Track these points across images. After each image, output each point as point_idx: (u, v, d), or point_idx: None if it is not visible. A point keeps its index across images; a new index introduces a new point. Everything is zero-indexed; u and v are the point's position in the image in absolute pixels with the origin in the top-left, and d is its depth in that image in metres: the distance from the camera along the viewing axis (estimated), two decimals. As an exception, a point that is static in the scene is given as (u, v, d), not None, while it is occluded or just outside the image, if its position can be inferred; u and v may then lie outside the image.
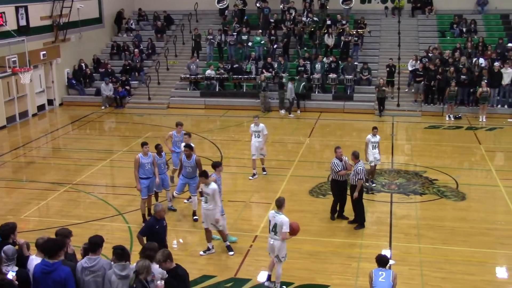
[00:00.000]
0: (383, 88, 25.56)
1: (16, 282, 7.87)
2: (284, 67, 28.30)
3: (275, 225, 10.79)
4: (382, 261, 9.51)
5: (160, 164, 14.55)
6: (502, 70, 25.46)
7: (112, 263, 8.24)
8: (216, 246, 13.11)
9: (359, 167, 13.95)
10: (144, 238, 10.48)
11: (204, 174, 12.38)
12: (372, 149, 16.43)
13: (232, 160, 19.96)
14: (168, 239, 12.92)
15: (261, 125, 17.78)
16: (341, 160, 14.17)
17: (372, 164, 16.58)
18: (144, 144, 14.27)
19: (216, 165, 13.28)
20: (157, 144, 14.92)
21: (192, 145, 15.12)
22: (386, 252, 12.58)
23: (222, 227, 12.70)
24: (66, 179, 18.19)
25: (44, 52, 27.27)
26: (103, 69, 30.12)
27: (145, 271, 7.91)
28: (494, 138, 22.63)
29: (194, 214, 14.62)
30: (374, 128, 16.72)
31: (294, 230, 10.97)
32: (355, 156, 14.18)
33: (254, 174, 17.79)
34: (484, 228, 14.11)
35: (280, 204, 10.93)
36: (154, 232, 10.54)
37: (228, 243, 12.92)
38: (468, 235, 13.73)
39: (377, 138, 16.62)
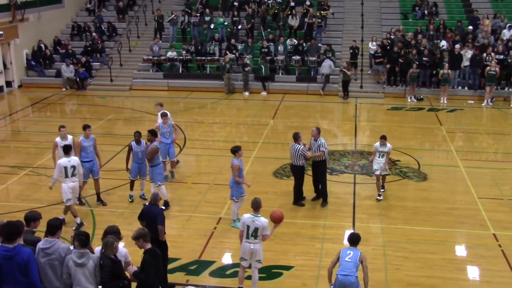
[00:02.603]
0: (344, 70, 25.61)
1: None
2: (251, 49, 28.19)
3: (255, 230, 10.00)
4: (352, 240, 9.57)
5: (137, 153, 14.26)
6: (462, 52, 25.83)
7: (72, 248, 8.13)
8: (180, 229, 13.08)
9: (322, 141, 14.17)
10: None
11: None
12: (379, 157, 14.76)
13: (196, 142, 19.86)
14: (134, 223, 12.86)
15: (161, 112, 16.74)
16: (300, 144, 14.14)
17: (377, 172, 14.80)
18: (86, 127, 14.31)
19: (236, 150, 13.09)
20: (136, 131, 14.56)
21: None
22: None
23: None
24: (26, 162, 17.85)
25: (1, 32, 26.55)
26: (64, 50, 29.52)
27: (108, 247, 7.98)
28: (454, 119, 23.01)
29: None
30: (382, 137, 14.73)
31: (279, 219, 10.24)
32: (319, 131, 14.33)
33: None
34: (444, 208, 14.36)
35: (257, 206, 10.11)
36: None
37: None
38: (430, 215, 13.97)
39: (386, 147, 14.67)
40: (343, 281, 9.18)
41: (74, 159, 13.16)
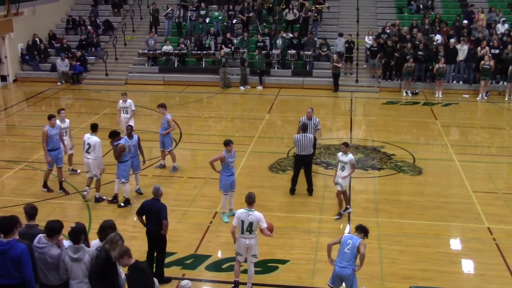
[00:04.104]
0: (335, 63, 25.64)
1: None
2: (247, 43, 28.16)
3: (250, 224, 9.95)
4: (358, 228, 9.56)
5: (129, 147, 14.20)
6: (457, 47, 25.86)
7: (65, 249, 8.06)
8: (176, 223, 13.10)
9: (317, 120, 15.46)
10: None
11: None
12: (340, 170, 13.33)
13: (192, 136, 19.86)
14: (130, 217, 12.90)
15: (129, 101, 18.16)
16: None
17: (338, 188, 13.38)
18: (51, 116, 14.58)
19: (226, 143, 13.16)
20: (128, 125, 14.84)
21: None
22: (345, 226, 12.90)
23: None
24: (22, 157, 17.82)
25: (-4, 26, 26.48)
26: (59, 44, 29.43)
27: (113, 245, 7.90)
28: (449, 114, 23.07)
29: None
30: (343, 144, 13.43)
31: (269, 229, 10.16)
32: (313, 111, 15.45)
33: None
34: (439, 202, 14.43)
35: (251, 201, 10.07)
36: None
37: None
38: (424, 208, 14.03)
39: (347, 157, 13.13)
40: (339, 272, 9.30)
41: (92, 139, 13.97)
